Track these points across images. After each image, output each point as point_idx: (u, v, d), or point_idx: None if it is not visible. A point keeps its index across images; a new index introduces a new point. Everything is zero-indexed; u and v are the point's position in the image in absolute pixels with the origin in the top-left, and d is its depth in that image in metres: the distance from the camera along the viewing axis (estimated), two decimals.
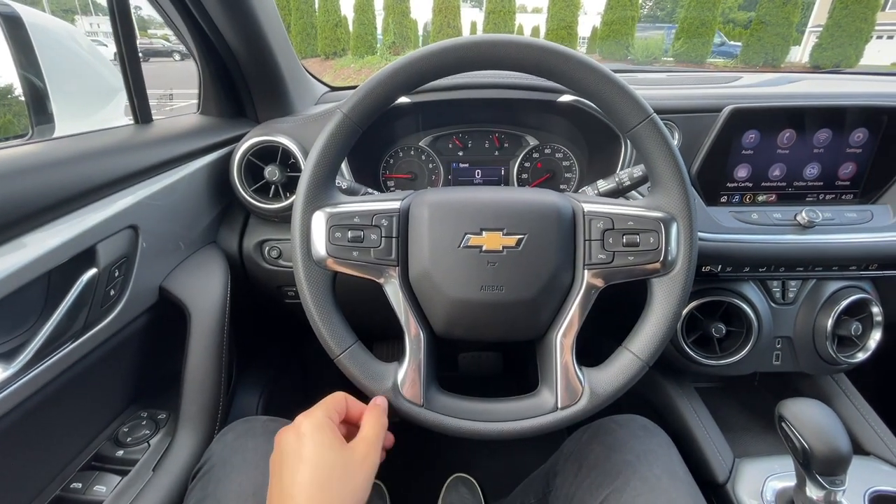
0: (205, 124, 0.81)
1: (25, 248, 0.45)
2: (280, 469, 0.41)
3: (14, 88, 0.82)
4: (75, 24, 9.78)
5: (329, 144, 0.51)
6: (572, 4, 13.70)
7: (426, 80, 0.51)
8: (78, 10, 10.89)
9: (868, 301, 0.78)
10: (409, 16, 14.61)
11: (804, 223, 0.72)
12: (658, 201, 0.52)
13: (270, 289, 0.85)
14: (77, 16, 10.56)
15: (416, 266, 0.53)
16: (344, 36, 14.83)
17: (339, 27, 14.69)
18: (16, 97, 0.82)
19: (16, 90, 0.82)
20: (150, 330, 0.65)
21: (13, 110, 0.82)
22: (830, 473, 0.54)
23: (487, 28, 14.00)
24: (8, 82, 0.82)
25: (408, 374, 0.52)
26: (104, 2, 0.62)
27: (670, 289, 0.51)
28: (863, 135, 0.74)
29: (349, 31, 14.78)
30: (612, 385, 0.51)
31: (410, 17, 14.71)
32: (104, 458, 0.57)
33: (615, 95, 0.49)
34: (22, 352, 0.45)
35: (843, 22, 12.01)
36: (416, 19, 15.52)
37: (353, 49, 14.50)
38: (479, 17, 16.67)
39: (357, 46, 14.28)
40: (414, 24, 15.33)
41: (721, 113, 0.72)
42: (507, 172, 0.93)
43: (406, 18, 14.42)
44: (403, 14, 14.27)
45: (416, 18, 15.71)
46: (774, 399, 0.62)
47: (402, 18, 14.27)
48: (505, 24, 13.75)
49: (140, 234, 0.59)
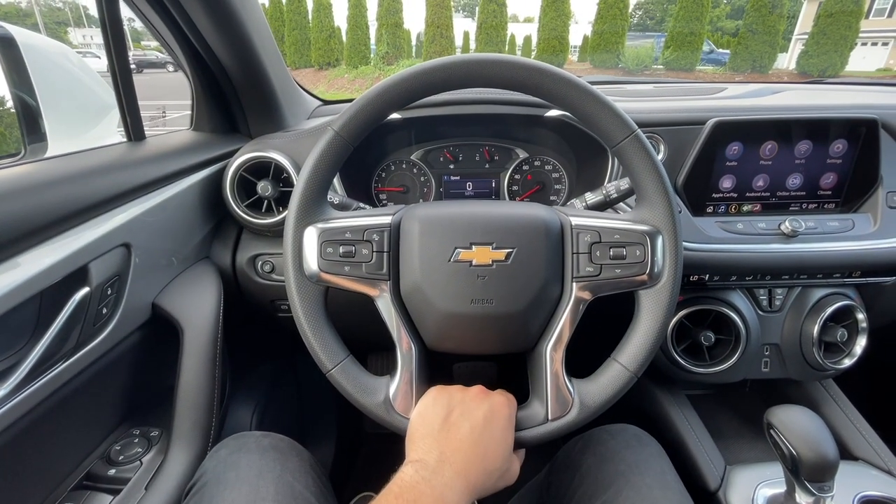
0: (197, 140, 0.82)
1: (18, 268, 0.45)
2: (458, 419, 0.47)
3: (5, 104, 0.83)
4: (68, 36, 9.68)
5: (320, 162, 0.52)
6: (563, 14, 13.91)
7: (415, 98, 0.52)
8: (71, 22, 10.85)
9: (853, 308, 0.80)
10: (403, 26, 14.76)
11: (788, 232, 0.74)
12: (643, 215, 0.53)
13: (263, 303, 0.85)
14: (70, 27, 10.51)
15: (407, 280, 0.53)
16: (337, 46, 14.96)
17: (332, 38, 14.83)
18: (7, 109, 0.83)
19: (6, 106, 0.83)
20: (142, 347, 0.65)
21: (5, 122, 0.83)
22: (818, 479, 0.54)
23: (480, 38, 14.16)
24: None
25: (399, 388, 0.53)
26: (97, 14, 0.62)
27: (657, 300, 0.52)
28: (842, 146, 0.76)
29: (342, 42, 14.91)
30: (602, 396, 0.52)
31: (404, 27, 14.86)
32: (96, 476, 0.57)
33: (599, 112, 0.51)
34: (14, 372, 0.45)
35: (829, 30, 12.28)
36: (409, 30, 15.69)
37: (346, 59, 14.63)
38: (471, 27, 16.85)
39: (350, 57, 14.41)
40: (407, 35, 15.49)
41: (705, 126, 0.74)
42: (497, 185, 0.95)
43: (399, 29, 14.57)
44: (396, 25, 14.42)
45: (409, 29, 15.89)
46: (765, 405, 0.63)
47: (395, 29, 14.42)
48: (497, 34, 13.91)
49: (133, 252, 0.60)
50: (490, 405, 0.48)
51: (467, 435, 0.45)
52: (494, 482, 0.47)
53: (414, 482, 0.39)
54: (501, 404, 0.49)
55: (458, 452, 0.43)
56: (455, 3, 30.79)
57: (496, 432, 0.47)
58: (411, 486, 0.38)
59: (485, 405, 0.48)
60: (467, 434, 0.45)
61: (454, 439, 0.45)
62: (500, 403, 0.49)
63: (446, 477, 0.40)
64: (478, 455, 0.44)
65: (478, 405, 0.48)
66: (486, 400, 0.49)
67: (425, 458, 0.42)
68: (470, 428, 0.46)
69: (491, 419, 0.47)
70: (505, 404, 0.50)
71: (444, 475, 0.40)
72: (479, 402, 0.48)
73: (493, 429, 0.47)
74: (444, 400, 0.49)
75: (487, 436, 0.46)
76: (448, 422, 0.46)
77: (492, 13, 13.90)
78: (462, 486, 0.41)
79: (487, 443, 0.46)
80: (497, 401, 0.49)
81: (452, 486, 0.40)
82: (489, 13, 13.91)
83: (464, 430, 0.45)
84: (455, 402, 0.48)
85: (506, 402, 0.50)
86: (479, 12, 14.30)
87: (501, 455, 0.47)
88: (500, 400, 0.50)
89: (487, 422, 0.47)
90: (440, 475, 0.40)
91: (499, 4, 13.88)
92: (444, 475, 0.40)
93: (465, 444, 0.44)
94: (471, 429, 0.46)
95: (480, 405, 0.48)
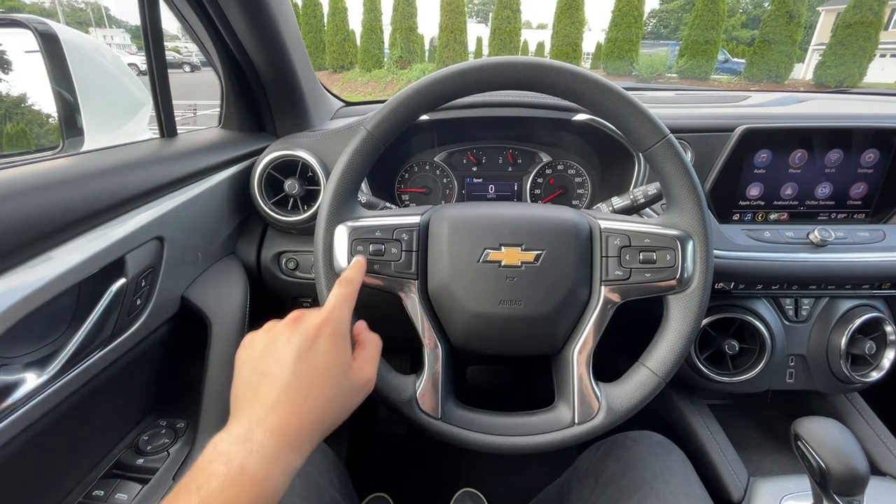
0: (226, 138, 0.83)
1: (59, 259, 0.46)
2: (269, 362, 0.40)
3: (27, 99, 0.86)
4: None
5: (353, 160, 0.53)
6: (577, 21, 13.91)
7: (448, 99, 0.53)
8: (92, 22, 11.08)
9: (881, 320, 0.78)
10: (417, 31, 14.86)
11: (817, 242, 0.73)
12: (674, 219, 0.53)
13: (287, 300, 0.86)
14: (91, 28, 10.71)
15: (435, 279, 0.54)
16: (352, 50, 15.10)
17: (347, 41, 14.97)
18: (28, 107, 0.86)
19: (28, 101, 0.86)
20: (170, 339, 0.66)
21: (26, 118, 0.86)
22: (848, 493, 0.53)
23: (493, 43, 14.21)
24: (21, 92, 0.86)
25: (425, 387, 0.53)
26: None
27: (686, 306, 0.52)
28: (874, 155, 0.75)
29: (357, 46, 15.05)
30: (630, 401, 0.52)
31: (418, 32, 14.96)
32: (125, 465, 0.57)
33: (632, 116, 0.51)
34: (54, 359, 0.46)
35: (847, 41, 12.12)
36: (422, 34, 15.79)
37: (360, 63, 14.76)
38: (484, 32, 16.92)
39: (364, 60, 14.53)
40: (421, 39, 15.59)
41: (734, 133, 0.74)
42: (520, 188, 0.95)
43: (413, 34, 14.68)
44: (411, 29, 14.53)
45: (423, 34, 15.99)
46: (787, 417, 0.62)
47: (409, 34, 14.53)
48: (510, 40, 13.95)
49: (165, 245, 0.61)
50: (302, 332, 0.41)
51: (279, 380, 0.38)
52: (337, 410, 0.41)
53: (208, 462, 0.33)
54: (314, 324, 0.42)
55: (273, 406, 0.37)
56: (469, 8, 30.96)
57: (316, 359, 0.40)
58: (202, 468, 0.33)
59: (295, 337, 0.41)
60: (279, 379, 0.38)
61: (265, 391, 0.38)
62: (312, 324, 0.42)
63: (255, 443, 0.34)
64: (298, 396, 0.38)
65: (287, 341, 0.41)
66: (295, 330, 0.42)
67: (232, 427, 0.36)
68: (279, 370, 0.39)
69: (305, 348, 0.40)
70: (320, 320, 0.42)
71: (251, 441, 0.34)
72: (288, 337, 0.41)
73: (312, 356, 0.40)
74: (253, 349, 0.42)
75: (305, 368, 0.39)
76: (256, 372, 0.40)
77: (506, 19, 13.94)
78: (278, 445, 0.35)
79: (309, 377, 0.39)
80: (309, 323, 0.42)
81: (261, 452, 0.34)
82: (503, 19, 13.95)
83: (274, 376, 0.39)
84: (261, 347, 0.42)
85: (322, 317, 0.43)
86: (492, 18, 14.35)
87: (334, 381, 0.41)
88: (313, 320, 0.42)
89: (301, 352, 0.40)
90: (246, 443, 0.34)
91: (513, 10, 13.92)
92: (251, 441, 0.34)
93: (278, 392, 0.38)
94: (281, 370, 0.39)
95: (291, 339, 0.41)
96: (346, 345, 0.43)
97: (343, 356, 0.43)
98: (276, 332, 0.42)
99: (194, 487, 0.32)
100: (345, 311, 0.45)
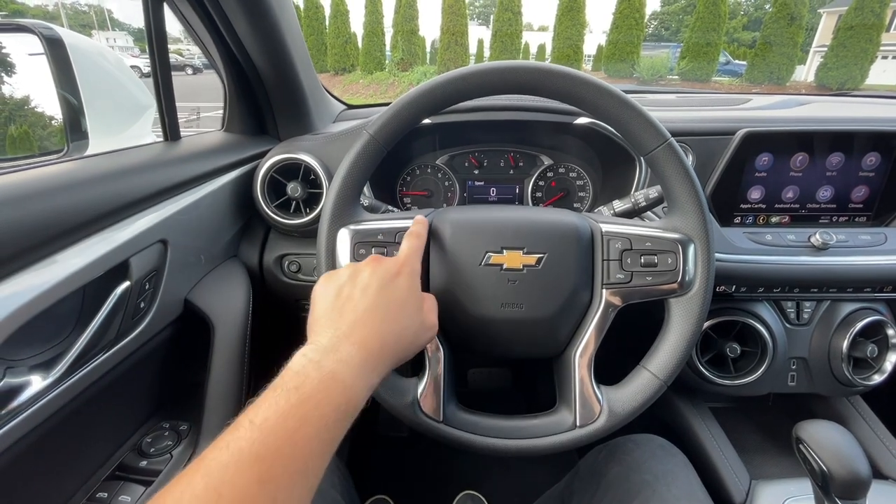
0: (229, 141, 0.84)
1: (64, 262, 0.47)
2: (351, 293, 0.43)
3: (30, 102, 0.87)
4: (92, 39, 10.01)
5: (355, 164, 0.53)
6: (578, 24, 13.92)
7: (450, 103, 0.53)
8: (95, 25, 11.12)
9: (883, 323, 0.78)
10: (418, 33, 14.89)
11: (818, 245, 0.73)
12: (675, 223, 0.53)
13: (289, 302, 0.86)
14: (94, 30, 10.78)
15: (437, 282, 0.54)
16: (353, 52, 15.13)
17: (348, 44, 15.01)
18: (31, 109, 0.87)
19: (32, 104, 0.87)
20: (173, 341, 0.67)
21: (29, 121, 0.86)
22: (850, 497, 0.53)
23: (494, 46, 14.23)
24: (24, 95, 0.87)
25: (427, 390, 0.53)
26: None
27: (688, 309, 0.52)
28: (875, 159, 0.75)
29: (358, 48, 15.08)
30: (631, 404, 0.52)
31: (419, 34, 15.00)
32: (128, 468, 0.58)
33: (632, 120, 0.51)
34: (59, 361, 0.47)
35: (849, 42, 12.11)
36: (424, 37, 15.82)
37: (361, 65, 14.79)
38: (486, 34, 16.94)
39: (366, 62, 14.56)
40: (422, 42, 15.62)
41: (735, 136, 0.74)
42: (521, 191, 0.95)
43: (414, 36, 14.71)
44: (412, 32, 14.56)
45: (424, 36, 16.02)
46: (789, 420, 0.62)
47: (411, 36, 14.56)
48: (512, 42, 13.97)
49: (169, 248, 0.61)
50: (385, 268, 0.45)
51: (362, 304, 0.42)
52: (411, 341, 0.44)
53: (300, 366, 0.35)
54: (396, 262, 0.47)
55: (356, 324, 0.40)
56: (470, 10, 31.03)
57: (396, 292, 0.44)
58: (296, 372, 0.35)
59: (378, 270, 0.45)
60: (362, 303, 0.42)
61: (349, 312, 0.41)
62: (394, 263, 0.46)
63: (342, 353, 0.37)
64: (378, 319, 0.41)
65: (371, 272, 0.45)
66: (378, 266, 0.45)
67: (318, 340, 0.39)
68: (362, 296, 0.42)
69: (387, 281, 0.44)
70: (401, 262, 0.47)
71: (339, 352, 0.37)
72: (372, 269, 0.45)
73: (392, 289, 0.44)
74: (334, 280, 0.45)
75: (386, 297, 0.43)
76: (340, 297, 0.43)
77: (507, 21, 13.96)
78: (363, 358, 0.38)
79: (388, 305, 0.43)
80: (391, 262, 0.46)
81: (349, 362, 0.37)
82: (504, 21, 13.97)
83: (357, 301, 0.42)
84: (344, 278, 0.45)
85: (401, 260, 0.47)
86: (494, 20, 14.37)
87: (409, 313, 0.45)
88: (394, 260, 0.47)
89: (383, 284, 0.44)
90: (334, 353, 0.37)
91: (514, 13, 13.94)
92: (339, 352, 0.37)
93: (361, 314, 0.41)
94: (364, 296, 0.42)
95: (374, 272, 0.45)
96: (419, 287, 0.47)
97: (417, 295, 0.47)
98: (357, 267, 0.46)
99: (292, 386, 0.33)
100: (418, 259, 0.50)
